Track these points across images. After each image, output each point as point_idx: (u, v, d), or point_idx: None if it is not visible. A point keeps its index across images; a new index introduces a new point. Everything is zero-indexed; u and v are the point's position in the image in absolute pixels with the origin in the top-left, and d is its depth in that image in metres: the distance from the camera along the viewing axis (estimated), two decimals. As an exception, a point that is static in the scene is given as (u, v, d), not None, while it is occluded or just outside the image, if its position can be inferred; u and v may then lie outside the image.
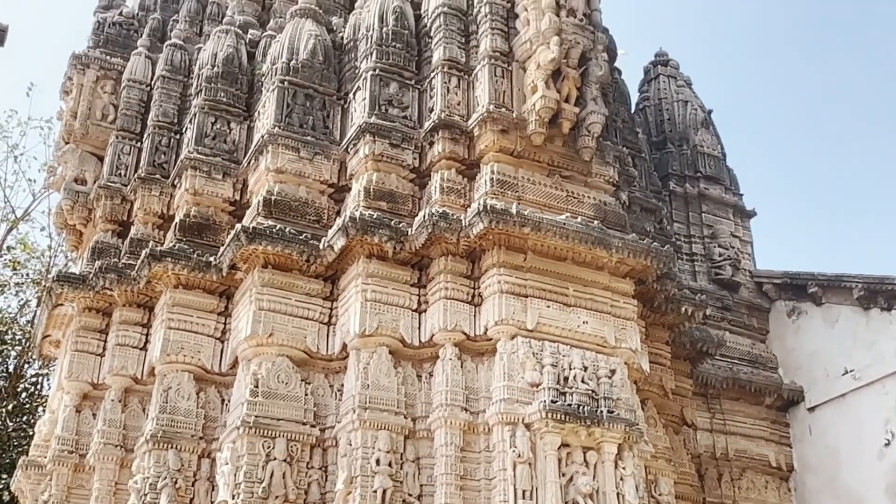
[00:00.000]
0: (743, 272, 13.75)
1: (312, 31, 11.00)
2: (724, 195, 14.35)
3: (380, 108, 10.03)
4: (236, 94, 11.44)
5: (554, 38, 9.34)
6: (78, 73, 12.86)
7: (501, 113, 9.42)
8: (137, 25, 13.67)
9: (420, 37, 10.67)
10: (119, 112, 12.49)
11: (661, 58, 15.85)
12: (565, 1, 9.60)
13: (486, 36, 9.90)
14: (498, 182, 9.20)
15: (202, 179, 10.79)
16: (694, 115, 15.01)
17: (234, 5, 12.72)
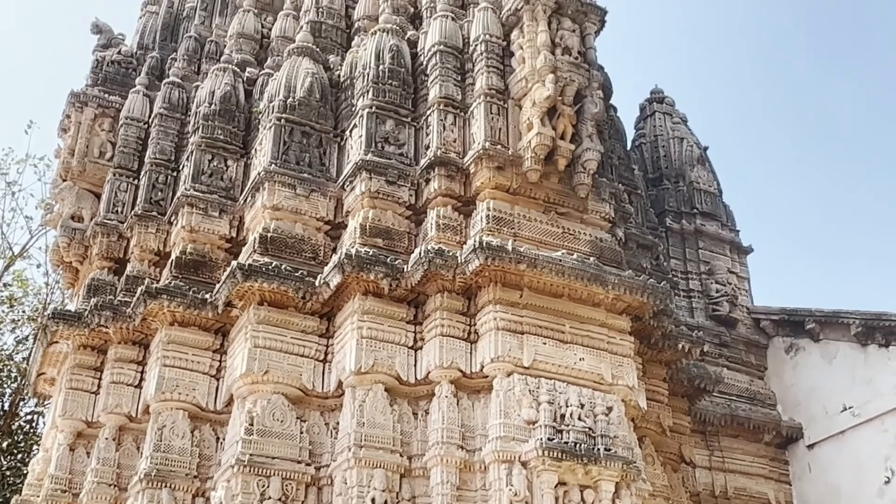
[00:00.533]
0: (740, 308, 13.75)
1: (309, 69, 11.07)
2: (720, 231, 14.38)
3: (376, 145, 10.06)
4: (233, 131, 11.48)
5: (549, 76, 9.40)
6: (76, 111, 12.92)
7: (497, 150, 9.46)
8: (136, 64, 13.76)
9: (416, 75, 10.74)
10: (116, 150, 12.53)
11: (656, 95, 15.95)
12: (560, 39, 9.69)
13: (481, 74, 9.97)
14: (494, 219, 9.21)
15: (198, 216, 10.80)
16: (690, 152, 15.09)
17: (231, 44, 12.81)
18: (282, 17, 12.87)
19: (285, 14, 12.88)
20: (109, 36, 14.11)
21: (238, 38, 12.80)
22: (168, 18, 14.30)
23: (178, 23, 14.24)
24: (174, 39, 14.08)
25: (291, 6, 13.02)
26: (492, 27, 10.18)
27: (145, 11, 14.70)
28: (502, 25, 10.22)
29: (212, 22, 13.68)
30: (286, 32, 12.64)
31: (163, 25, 14.23)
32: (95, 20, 14.19)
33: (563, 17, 9.84)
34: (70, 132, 12.86)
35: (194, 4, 14.00)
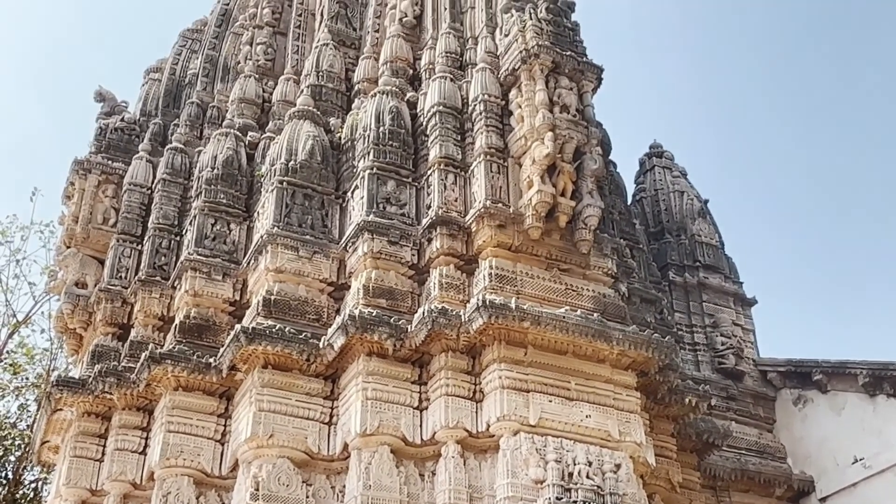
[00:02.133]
0: (746, 361, 13.69)
1: (310, 131, 11.18)
2: (724, 284, 14.38)
3: (378, 205, 10.12)
4: (236, 195, 11.56)
5: (548, 134, 9.49)
6: (80, 177, 13.03)
7: (498, 208, 9.51)
8: (139, 130, 13.90)
9: (416, 135, 10.84)
10: (120, 215, 12.61)
11: (655, 149, 16.07)
12: (558, 97, 9.80)
13: (481, 133, 10.06)
14: (496, 277, 9.23)
15: (202, 280, 10.82)
16: (690, 205, 15.15)
17: (233, 108, 12.95)
18: (282, 82, 13.02)
19: (286, 78, 13.04)
20: (113, 103, 14.28)
21: (240, 103, 12.94)
22: (170, 85, 14.47)
23: (180, 89, 14.41)
24: (176, 106, 14.24)
25: (292, 70, 13.19)
26: (490, 87, 10.30)
27: (148, 79, 14.89)
28: (500, 85, 10.34)
29: (213, 88, 13.85)
30: (287, 96, 12.78)
31: (165, 92, 14.40)
32: (99, 88, 14.38)
33: (561, 76, 9.96)
34: (74, 199, 12.96)
35: (196, 71, 14.18)
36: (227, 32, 14.43)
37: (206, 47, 14.34)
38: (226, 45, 14.28)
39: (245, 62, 13.60)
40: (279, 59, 13.71)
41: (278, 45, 13.83)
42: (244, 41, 13.92)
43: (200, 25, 15.13)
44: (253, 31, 13.91)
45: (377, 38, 12.75)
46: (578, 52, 10.16)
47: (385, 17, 12.89)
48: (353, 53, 13.00)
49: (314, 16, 13.83)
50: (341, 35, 13.09)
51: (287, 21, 13.99)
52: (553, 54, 9.90)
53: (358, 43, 13.14)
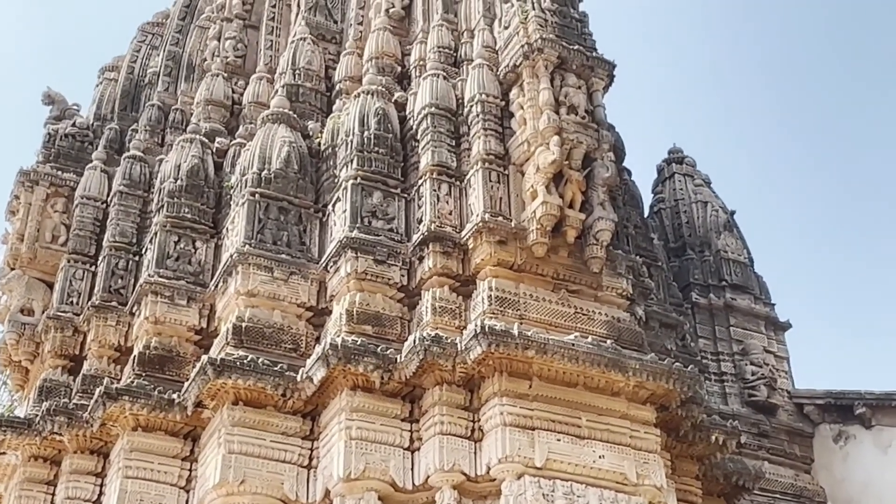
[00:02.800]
0: (780, 392, 13.67)
1: (286, 137, 11.19)
2: (753, 306, 14.38)
3: (362, 220, 10.12)
4: (202, 209, 11.55)
5: (554, 138, 9.50)
6: (26, 190, 13.02)
7: (498, 222, 9.51)
8: (92, 137, 13.91)
9: (406, 140, 10.85)
10: (71, 233, 12.60)
11: (675, 155, 16.10)
12: (565, 97, 9.81)
13: (478, 138, 10.07)
14: (497, 300, 9.21)
15: (164, 306, 10.80)
16: (715, 217, 15.17)
17: (199, 112, 12.96)
18: (254, 81, 13.05)
19: (258, 77, 13.07)
20: (63, 107, 14.30)
21: (206, 106, 12.96)
22: (128, 86, 14.51)
23: (139, 90, 14.44)
24: (135, 108, 14.27)
25: (265, 69, 13.22)
26: (488, 86, 10.32)
27: (103, 79, 14.91)
28: (500, 84, 10.36)
29: (177, 88, 13.87)
30: (260, 97, 12.80)
31: (122, 93, 14.42)
32: (47, 90, 14.39)
33: (568, 73, 9.98)
34: (19, 215, 12.95)
35: (157, 70, 14.21)
36: (192, 26, 14.47)
37: (169, 43, 14.38)
38: (190, 40, 14.31)
39: (212, 59, 13.63)
40: (251, 55, 13.74)
41: (250, 40, 13.87)
42: (211, 35, 13.95)
43: (162, 18, 15.17)
44: (221, 25, 13.94)
45: (361, 31, 12.79)
46: (587, 47, 10.19)
47: (370, 7, 12.93)
48: (333, 49, 13.04)
49: (290, 7, 13.88)
50: (321, 28, 13.12)
51: (259, 13, 14.04)
52: (559, 49, 9.92)
53: (339, 37, 13.17)
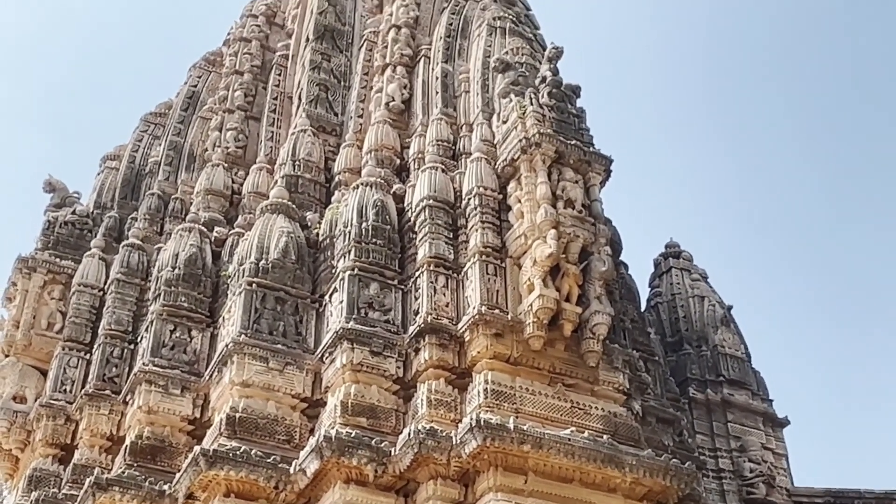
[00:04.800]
0: (779, 490, 13.51)
1: (284, 227, 11.23)
2: (751, 402, 14.29)
3: (359, 311, 10.10)
4: (199, 298, 11.54)
5: (551, 232, 9.54)
6: (23, 277, 13.02)
7: (495, 315, 9.49)
8: (92, 225, 13.96)
9: (403, 232, 10.89)
10: (67, 320, 12.57)
11: (672, 249, 16.15)
12: (562, 191, 9.88)
13: (476, 230, 10.11)
14: (493, 393, 9.16)
15: (158, 395, 10.73)
16: (712, 312, 15.15)
17: (198, 201, 13.03)
18: (254, 172, 13.15)
19: (258, 168, 13.17)
20: (64, 194, 14.37)
21: (206, 195, 13.03)
22: (129, 174, 14.60)
23: (140, 179, 14.53)
24: (135, 197, 14.34)
25: (265, 159, 13.33)
26: (486, 179, 10.40)
27: (104, 167, 15.02)
28: (498, 177, 10.45)
29: (177, 178, 13.97)
30: (259, 188, 12.88)
31: (123, 182, 14.51)
32: (49, 177, 14.49)
33: (565, 167, 10.07)
34: (16, 301, 12.93)
35: (158, 159, 14.32)
36: (194, 117, 14.63)
37: (171, 133, 14.52)
38: (192, 130, 14.46)
39: (213, 149, 13.76)
40: (251, 146, 13.87)
41: (251, 131, 14.02)
42: (213, 126, 14.11)
43: (164, 109, 15.34)
44: (223, 116, 14.10)
45: (361, 123, 12.94)
46: (584, 142, 10.30)
47: (370, 101, 13.10)
48: (333, 140, 13.17)
49: (291, 99, 14.06)
50: (321, 120, 13.27)
51: (261, 105, 14.21)
52: (556, 143, 10.03)
53: (339, 129, 13.31)
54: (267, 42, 15.34)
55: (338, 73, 13.90)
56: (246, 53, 14.90)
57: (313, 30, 14.23)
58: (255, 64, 14.75)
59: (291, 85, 14.28)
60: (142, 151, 14.97)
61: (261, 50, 15.08)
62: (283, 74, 14.58)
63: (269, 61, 14.89)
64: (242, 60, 14.77)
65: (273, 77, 14.50)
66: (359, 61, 13.79)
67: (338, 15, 14.54)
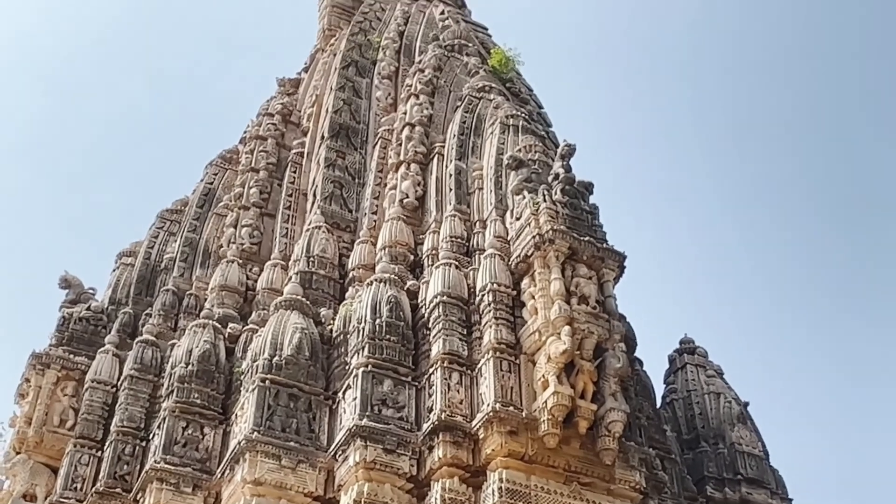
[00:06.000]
0: (799, 591, 13.21)
1: (298, 323, 11.23)
2: (770, 501, 14.04)
3: (372, 408, 10.05)
4: (212, 394, 11.50)
5: (565, 328, 9.53)
6: (37, 373, 13.00)
7: (509, 412, 9.43)
8: (106, 321, 13.98)
9: (417, 328, 10.88)
10: (80, 417, 12.50)
11: (686, 345, 16.06)
12: (576, 287, 9.90)
13: (490, 327, 10.10)
14: (507, 492, 9.05)
15: (169, 493, 10.62)
16: (728, 409, 14.99)
17: (213, 297, 13.07)
18: (269, 268, 13.21)
19: (273, 264, 13.23)
20: (79, 290, 14.43)
21: (220, 291, 13.08)
22: (144, 270, 14.66)
23: (154, 275, 14.59)
24: (150, 293, 14.38)
25: (280, 255, 13.40)
26: (500, 275, 10.42)
27: (120, 263, 15.10)
28: (511, 273, 10.47)
29: (192, 274, 14.03)
30: (273, 284, 12.93)
31: (138, 278, 14.57)
32: (64, 273, 14.56)
33: (578, 264, 10.10)
34: (29, 398, 12.90)
35: (174, 255, 14.41)
36: (210, 213, 14.76)
37: (186, 229, 14.63)
38: (208, 226, 14.58)
39: (228, 246, 13.85)
40: (266, 242, 13.96)
41: (265, 228, 14.13)
42: (228, 223, 14.23)
43: (180, 206, 15.49)
44: (238, 213, 14.23)
45: (375, 220, 13.02)
46: (598, 238, 10.34)
47: (384, 197, 13.21)
48: (347, 237, 13.25)
49: (306, 196, 14.19)
50: (335, 217, 13.37)
51: (276, 201, 14.35)
52: (570, 240, 10.08)
53: (353, 226, 13.40)
54: (283, 140, 15.58)
55: (352, 171, 14.05)
56: (262, 151, 15.13)
57: (328, 128, 14.45)
58: (271, 161, 14.97)
59: (306, 182, 14.44)
60: (157, 247, 15.06)
61: (276, 147, 15.32)
62: (298, 171, 14.77)
63: (285, 158, 15.10)
64: (258, 158, 14.99)
65: (288, 174, 14.68)
66: (373, 158, 13.95)
67: (353, 113, 14.78)
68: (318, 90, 16.12)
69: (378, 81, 15.40)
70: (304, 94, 16.71)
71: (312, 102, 15.86)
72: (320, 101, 15.58)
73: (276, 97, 16.74)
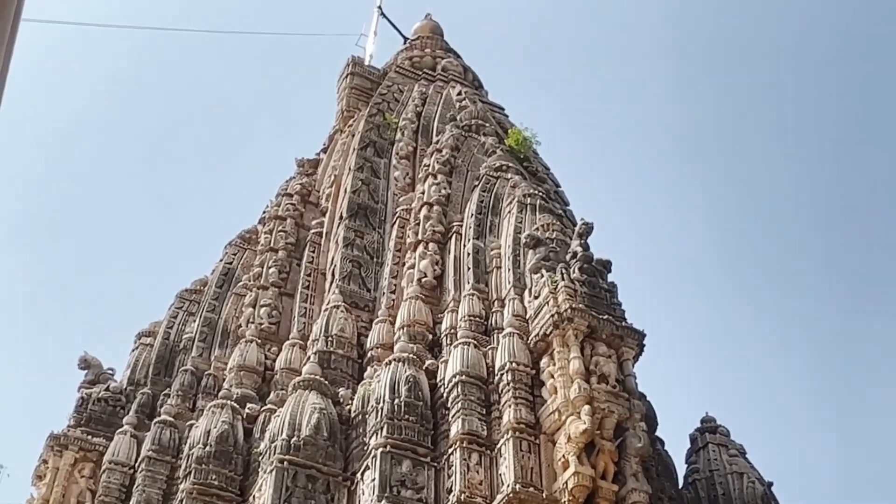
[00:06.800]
0: None
1: (317, 404, 11.19)
2: (797, 583, 13.78)
3: (391, 489, 9.97)
4: (229, 476, 11.42)
5: (585, 408, 9.48)
6: (55, 455, 12.96)
7: (530, 493, 9.35)
8: (125, 401, 13.97)
9: (436, 408, 10.83)
10: (97, 499, 12.42)
11: (708, 424, 15.86)
12: (595, 366, 9.87)
13: (509, 406, 10.05)
14: (528, 574, 8.92)
15: (184, 577, 10.51)
16: (752, 489, 14.76)
17: (231, 377, 13.06)
18: (287, 348, 13.22)
19: (291, 344, 13.24)
20: (98, 371, 14.46)
21: (238, 371, 13.07)
22: (163, 351, 14.69)
23: (173, 355, 14.62)
24: (169, 373, 14.39)
25: (298, 335, 13.41)
26: (519, 354, 10.40)
27: (139, 343, 15.14)
28: (530, 352, 10.45)
29: (210, 354, 14.04)
30: (292, 363, 12.92)
31: (157, 358, 14.60)
32: (84, 354, 14.60)
33: (598, 342, 10.08)
34: (46, 479, 12.84)
35: (193, 335, 14.44)
36: (229, 293, 14.82)
37: (205, 309, 14.68)
38: (226, 306, 14.62)
39: (247, 325, 13.87)
40: (284, 321, 13.98)
41: (284, 307, 14.16)
42: (247, 303, 14.27)
43: (200, 286, 15.57)
44: (257, 292, 14.29)
45: (393, 299, 13.04)
46: (617, 316, 10.33)
47: (402, 276, 13.25)
48: (366, 316, 13.26)
49: (324, 275, 14.25)
50: (354, 296, 13.40)
51: (294, 281, 14.40)
52: (588, 318, 10.07)
53: (372, 305, 13.42)
54: (301, 220, 15.70)
55: (370, 250, 14.12)
56: (281, 231, 15.24)
57: (347, 208, 14.56)
58: (290, 241, 15.06)
59: (325, 261, 14.50)
60: (176, 328, 15.11)
61: (295, 228, 15.43)
62: (317, 251, 14.84)
63: (304, 238, 15.19)
64: (277, 238, 15.09)
65: (307, 254, 14.76)
66: (391, 238, 14.02)
67: (371, 193, 14.90)
68: (336, 170, 16.29)
69: (396, 162, 15.56)
70: (322, 174, 16.88)
71: (331, 183, 16.01)
72: (339, 182, 15.72)
73: (294, 178, 16.91)
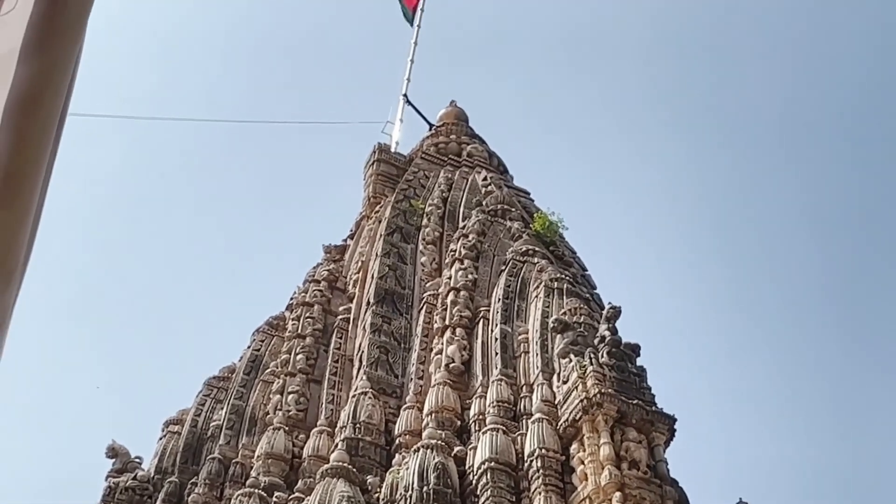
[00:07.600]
0: None
1: (345, 492, 11.09)
2: None
3: (420, 580, 9.82)
4: (257, 567, 11.31)
5: (616, 495, 9.35)
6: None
7: (562, 583, 9.18)
8: (152, 490, 13.90)
9: (465, 495, 10.71)
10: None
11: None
12: (626, 452, 9.75)
13: (539, 493, 9.94)
14: None
15: None
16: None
17: (259, 465, 12.98)
18: (315, 435, 13.15)
19: (319, 431, 13.18)
20: (125, 459, 14.41)
21: (266, 459, 13.00)
22: (191, 439, 14.65)
23: (201, 443, 14.57)
24: (196, 461, 14.32)
25: (326, 422, 13.35)
26: (548, 440, 10.31)
27: (167, 431, 15.12)
28: (560, 438, 10.36)
29: (238, 441, 13.99)
30: (319, 451, 12.84)
31: (185, 446, 14.55)
32: (112, 443, 14.57)
33: (628, 427, 9.98)
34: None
35: (220, 423, 14.40)
36: (257, 380, 14.81)
37: (233, 397, 14.67)
38: (254, 394, 14.61)
39: (274, 413, 13.84)
40: (312, 408, 13.94)
41: (312, 394, 14.12)
42: (275, 390, 14.25)
43: (227, 373, 15.58)
44: (284, 379, 14.27)
45: (421, 385, 12.99)
46: (646, 401, 10.24)
47: (430, 362, 13.21)
48: (393, 402, 13.20)
49: (352, 362, 14.23)
50: (381, 382, 13.36)
51: (322, 367, 14.38)
52: (618, 403, 9.99)
53: (399, 391, 13.37)
54: (329, 306, 15.74)
55: (398, 336, 14.11)
56: (308, 317, 15.27)
57: (374, 294, 14.60)
58: (317, 328, 15.09)
59: (352, 347, 14.51)
60: (204, 415, 15.09)
61: (322, 314, 15.45)
62: (344, 337, 14.86)
63: (331, 325, 15.21)
64: (305, 324, 15.12)
65: (334, 340, 14.77)
66: (418, 323, 14.03)
67: (398, 279, 14.95)
68: (363, 256, 16.37)
69: (423, 247, 15.63)
70: (349, 260, 16.97)
71: (358, 269, 16.08)
72: (366, 267, 15.79)
73: (322, 264, 17.01)
